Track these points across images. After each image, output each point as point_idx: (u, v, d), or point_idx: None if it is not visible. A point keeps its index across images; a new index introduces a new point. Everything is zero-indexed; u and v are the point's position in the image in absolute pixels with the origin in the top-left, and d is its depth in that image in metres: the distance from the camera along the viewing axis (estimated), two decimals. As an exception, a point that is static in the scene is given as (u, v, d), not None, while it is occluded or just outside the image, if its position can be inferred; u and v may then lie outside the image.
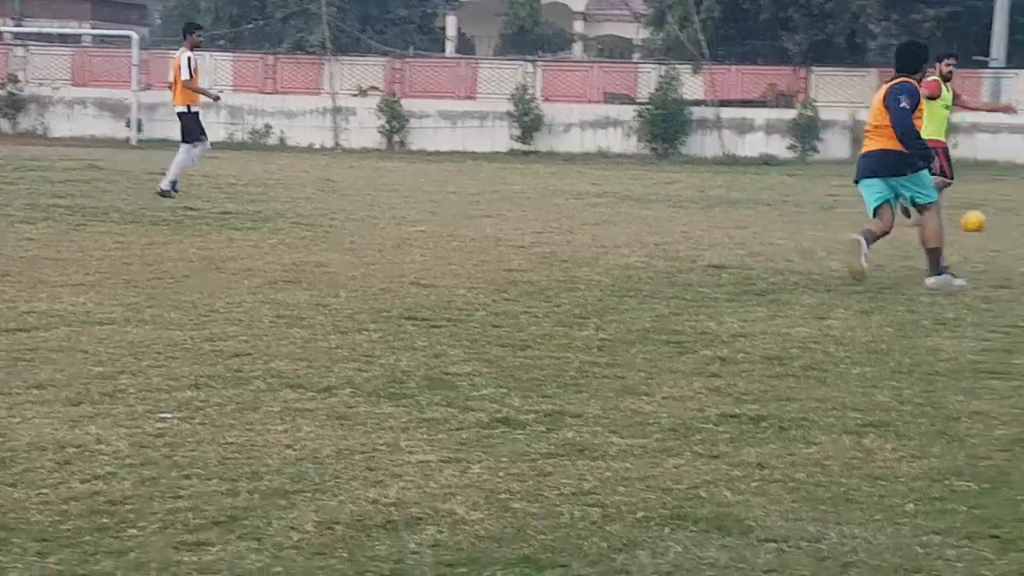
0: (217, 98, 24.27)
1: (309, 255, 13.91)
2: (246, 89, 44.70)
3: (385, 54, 45.35)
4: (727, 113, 42.02)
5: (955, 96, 17.04)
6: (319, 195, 22.69)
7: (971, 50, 42.08)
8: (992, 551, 5.16)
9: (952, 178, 16.89)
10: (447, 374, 8.10)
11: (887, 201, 12.96)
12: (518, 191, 25.03)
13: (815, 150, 40.93)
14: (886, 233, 12.83)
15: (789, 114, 41.64)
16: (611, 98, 43.43)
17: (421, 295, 11.29)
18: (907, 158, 12.77)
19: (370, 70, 44.97)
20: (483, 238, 15.94)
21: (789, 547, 5.17)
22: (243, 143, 42.80)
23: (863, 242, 12.42)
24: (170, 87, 21.36)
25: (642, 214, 20.06)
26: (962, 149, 39.53)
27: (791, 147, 41.26)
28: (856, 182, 13.35)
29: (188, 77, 20.48)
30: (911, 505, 5.71)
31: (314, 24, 44.94)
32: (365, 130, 43.37)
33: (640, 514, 5.51)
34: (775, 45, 44.05)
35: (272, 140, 43.68)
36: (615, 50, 60.63)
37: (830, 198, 24.71)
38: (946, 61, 16.46)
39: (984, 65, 41.15)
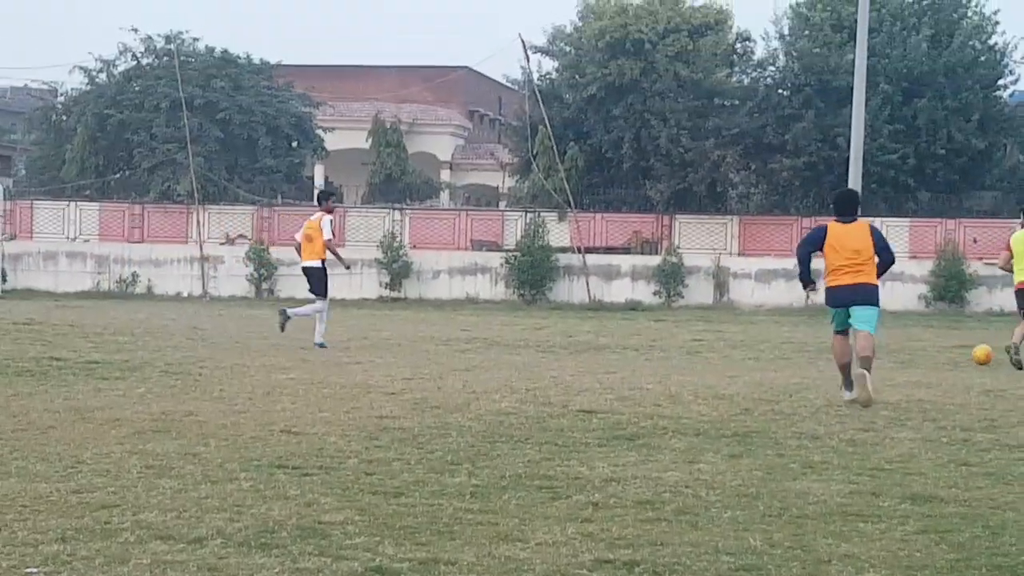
0: (348, 267, 26.51)
1: (178, 404, 13.77)
2: (113, 238, 44.48)
3: (253, 203, 45.37)
4: (593, 259, 42.52)
5: None
6: (187, 343, 22.51)
7: (827, 199, 43.05)
8: None
9: None
10: (320, 523, 8.03)
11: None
12: (388, 337, 25.03)
13: (680, 295, 41.53)
14: None
15: (654, 260, 42.25)
16: (479, 245, 43.77)
17: (292, 443, 11.21)
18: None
19: (238, 218, 44.96)
20: (353, 385, 15.89)
21: None
22: (109, 292, 42.51)
23: (866, 373, 14.29)
24: (298, 248, 24.02)
25: (512, 360, 20.14)
26: (822, 294, 40.37)
27: (656, 292, 41.82)
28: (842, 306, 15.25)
29: (331, 237, 23.58)
30: (785, 648, 5.75)
31: (181, 174, 44.92)
32: (233, 278, 43.26)
33: (517, 662, 5.49)
34: (638, 193, 44.78)
35: (140, 289, 43.41)
36: (482, 198, 61.22)
37: (696, 342, 25.01)
38: None
39: (842, 213, 42.06)
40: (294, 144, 50.50)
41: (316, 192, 27.44)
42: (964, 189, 44.71)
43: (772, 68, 46.64)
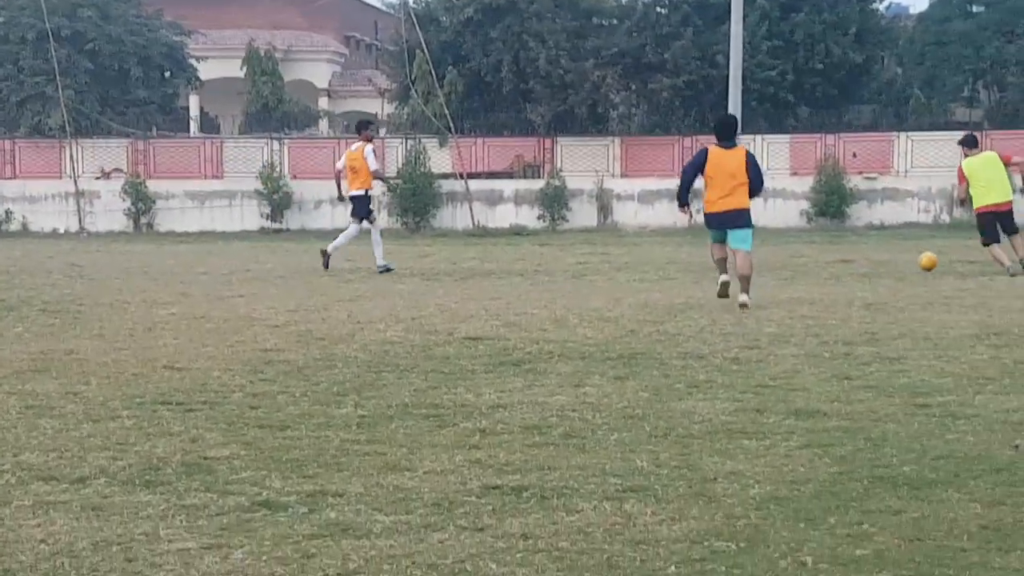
0: (398, 183, 27.87)
1: (57, 343, 13.57)
2: (-16, 175, 43.62)
3: (127, 135, 44.69)
4: (476, 185, 42.41)
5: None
6: (66, 280, 22.18)
7: (708, 117, 43.28)
8: (754, 609, 5.26)
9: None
10: (205, 458, 7.97)
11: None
12: (270, 269, 24.85)
13: (564, 219, 41.55)
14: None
15: (537, 184, 42.20)
16: (360, 173, 43.42)
17: (175, 379, 11.10)
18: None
19: (112, 152, 44.25)
20: (237, 318, 15.75)
21: (557, 617, 5.19)
22: (-17, 230, 41.70)
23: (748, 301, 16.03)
24: (339, 175, 24.95)
25: (396, 288, 20.08)
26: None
27: (540, 217, 41.79)
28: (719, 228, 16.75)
29: (377, 167, 24.64)
30: (673, 568, 5.80)
31: (52, 107, 44.03)
32: (111, 213, 42.62)
33: (407, 592, 5.48)
34: (520, 117, 44.67)
35: (14, 226, 42.63)
36: (362, 126, 60.74)
37: (580, 266, 25.08)
38: None
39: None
40: (167, 74, 49.68)
41: (356, 122, 27.66)
42: (843, 104, 45.08)
43: (650, -15, 46.61)
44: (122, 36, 45.91)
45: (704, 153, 16.70)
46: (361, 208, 24.46)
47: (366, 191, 24.54)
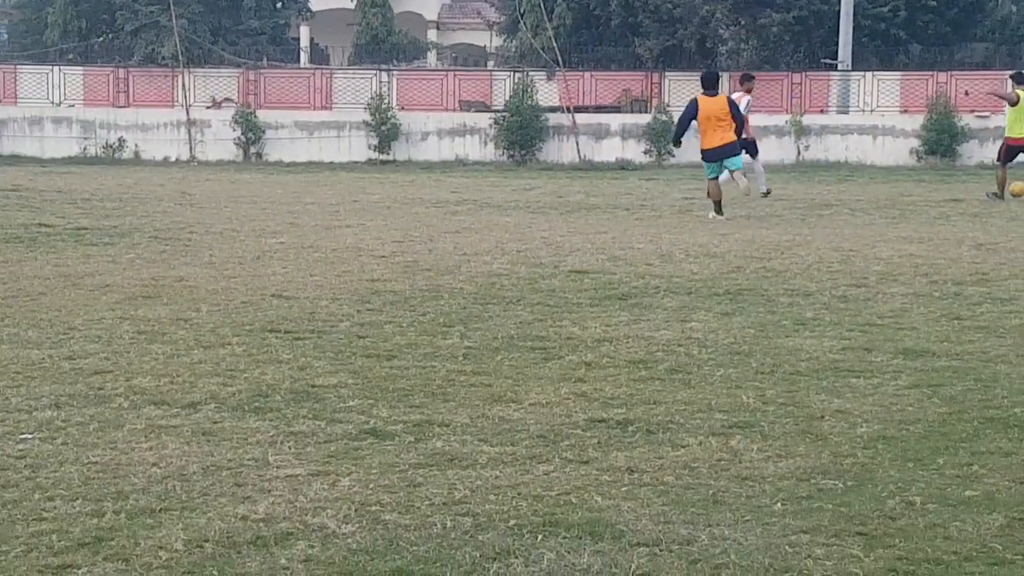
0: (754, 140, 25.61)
1: (168, 269, 13.74)
2: (98, 103, 44.07)
3: (238, 66, 44.98)
4: (583, 119, 42.25)
5: None
6: (176, 208, 22.43)
7: (818, 53, 42.83)
8: (859, 548, 5.24)
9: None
10: (313, 386, 8.04)
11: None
12: (377, 201, 24.95)
13: (671, 154, 41.28)
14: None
15: (644, 119, 41.99)
16: (467, 106, 43.48)
17: (283, 307, 11.21)
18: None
19: (224, 82, 44.57)
20: (344, 248, 15.85)
21: (661, 551, 5.20)
22: (97, 157, 42.20)
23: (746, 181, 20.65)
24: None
25: (502, 221, 20.10)
26: (813, 151, 40.27)
27: (647, 151, 41.60)
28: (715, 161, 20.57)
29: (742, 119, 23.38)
30: (779, 505, 5.78)
31: (165, 36, 44.42)
32: (221, 142, 42.97)
33: (512, 522, 5.51)
34: (628, 51, 44.40)
35: (126, 154, 43.08)
36: (469, 58, 60.72)
37: (687, 201, 24.98)
38: None
39: (833, 68, 41.89)
40: (278, 5, 49.91)
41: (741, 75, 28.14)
42: (955, 41, 44.37)
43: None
44: (235, -34, 46.17)
45: (695, 102, 20.67)
46: (751, 147, 24.06)
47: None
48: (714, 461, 6.46)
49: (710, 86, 20.83)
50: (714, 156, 20.55)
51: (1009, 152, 25.00)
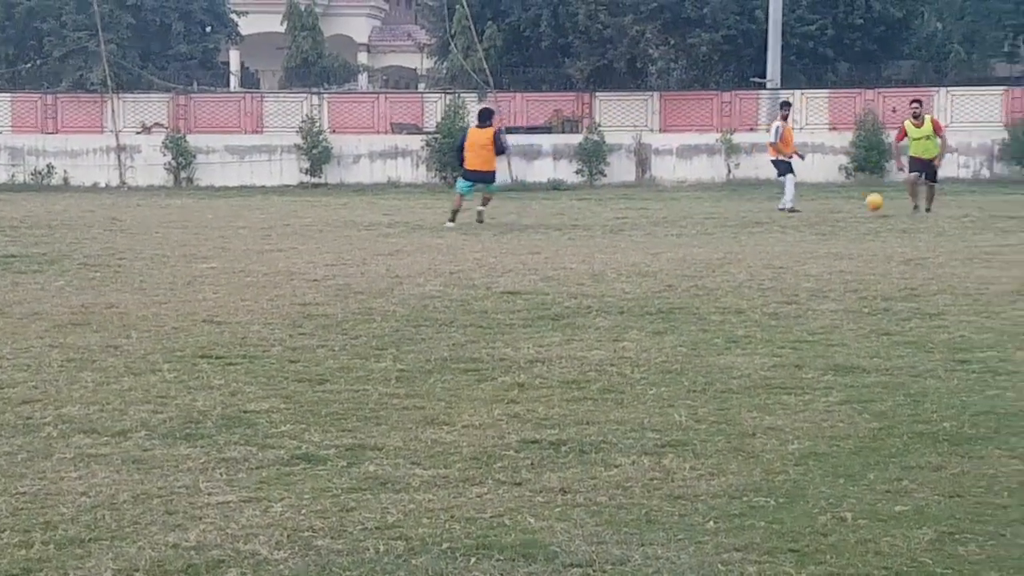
0: (802, 156, 30.15)
1: (98, 296, 13.64)
2: (26, 130, 43.74)
3: (168, 90, 44.77)
4: (515, 139, 42.24)
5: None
6: (106, 235, 22.27)
7: (747, 72, 43.08)
8: (791, 565, 5.26)
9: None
10: (244, 412, 8.01)
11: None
12: (309, 224, 24.89)
13: (602, 174, 41.45)
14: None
15: (575, 139, 42.09)
16: (399, 128, 43.45)
17: (215, 333, 11.14)
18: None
19: (153, 107, 44.33)
20: (276, 272, 15.80)
21: (594, 571, 5.20)
22: (25, 184, 41.87)
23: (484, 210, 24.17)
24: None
25: (435, 243, 20.09)
26: (744, 169, 40.48)
27: (578, 171, 41.69)
28: (473, 182, 24.28)
29: (774, 141, 28.18)
30: (712, 523, 5.80)
31: (94, 62, 44.14)
32: (151, 167, 42.72)
33: (445, 545, 5.50)
34: (558, 72, 44.54)
35: (55, 180, 42.74)
36: (400, 80, 60.71)
37: (619, 220, 25.04)
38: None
39: (762, 86, 42.16)
40: (208, 29, 49.74)
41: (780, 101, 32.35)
42: (882, 59, 44.76)
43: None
44: (164, -10, 45.96)
45: (466, 132, 25.59)
46: (784, 168, 28.24)
47: (779, 157, 28.40)
48: (647, 480, 6.47)
49: (483, 120, 24.80)
50: (473, 177, 24.23)
51: (917, 168, 26.37)
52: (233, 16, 50.63)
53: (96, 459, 6.91)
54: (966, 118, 40.86)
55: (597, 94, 43.29)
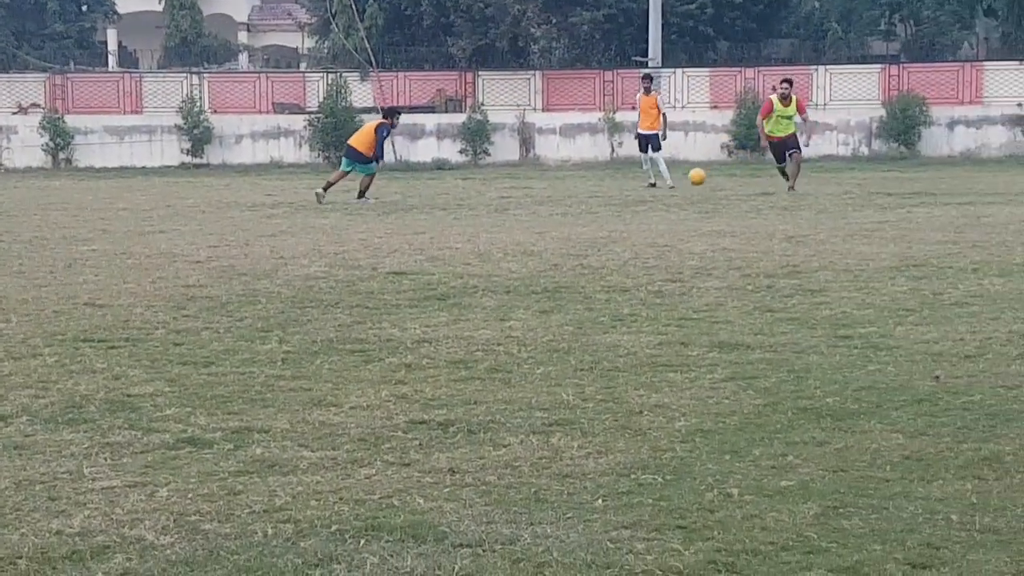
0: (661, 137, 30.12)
1: (-25, 280, 13.40)
2: (-102, 110, 42.90)
3: (44, 70, 44.09)
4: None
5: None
6: (-18, 217, 21.89)
7: (629, 51, 43.29)
8: (679, 542, 5.30)
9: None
10: (128, 396, 7.91)
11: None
12: (191, 205, 24.65)
13: (487, 153, 41.48)
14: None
15: (459, 118, 42.08)
16: (281, 108, 43.15)
17: (97, 316, 11.00)
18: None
19: (30, 87, 43.64)
20: (158, 254, 15.63)
21: (484, 551, 5.20)
22: None
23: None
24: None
25: (319, 223, 19.98)
26: (627, 148, 40.67)
27: (462, 151, 41.69)
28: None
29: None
30: (600, 501, 5.82)
31: (-33, 41, 43.43)
32: (28, 149, 42.06)
33: (334, 527, 5.48)
34: (441, 51, 44.47)
35: (-72, 162, 42.00)
36: (281, 60, 60.27)
37: (503, 200, 25.06)
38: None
39: (643, 65, 42.37)
40: (84, 8, 49.09)
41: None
42: (762, 38, 45.21)
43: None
44: (38, -32, 45.28)
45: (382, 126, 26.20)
46: (656, 143, 29.39)
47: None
48: (535, 459, 6.49)
49: (385, 115, 26.88)
50: (354, 156, 25.48)
51: (775, 149, 26.38)
52: (110, -6, 49.98)
53: (-24, 445, 6.80)
54: (844, 96, 41.38)
55: (480, 73, 43.30)
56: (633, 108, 31.87)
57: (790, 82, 26.86)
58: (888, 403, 7.58)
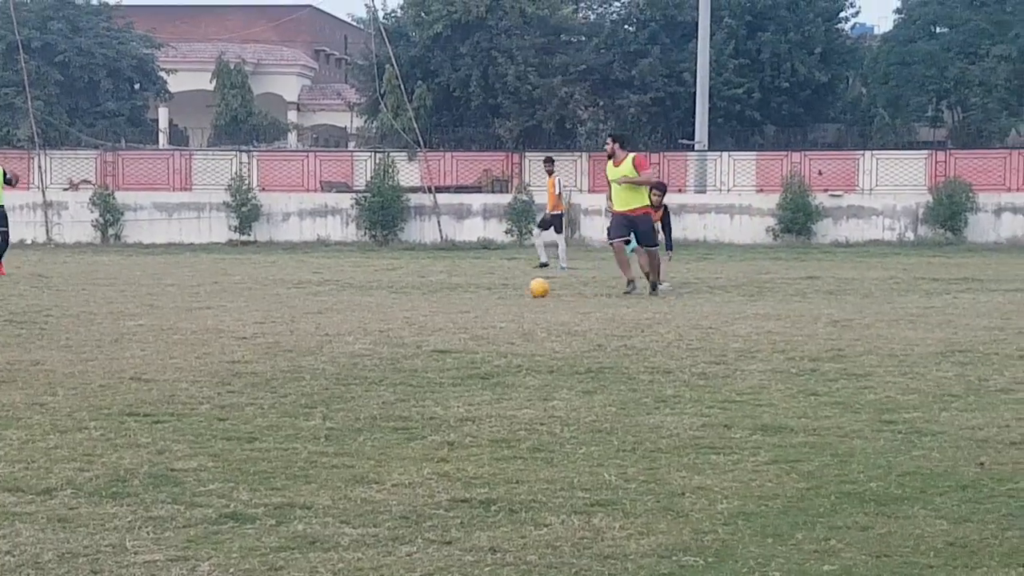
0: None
1: (24, 353, 13.50)
2: (-49, 185, 43.34)
3: (96, 147, 44.58)
4: (444, 199, 42.41)
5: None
6: (32, 291, 22.09)
7: (675, 134, 43.48)
8: (721, 623, 5.27)
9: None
10: (172, 470, 7.94)
11: None
12: (238, 282, 24.79)
13: (532, 233, 41.54)
14: None
15: (505, 199, 42.27)
16: (328, 186, 43.46)
17: (142, 390, 11.06)
18: None
19: (81, 163, 44.15)
20: (204, 330, 15.71)
21: (525, 630, 5.19)
22: (-51, 240, 41.40)
23: None
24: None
25: (365, 301, 20.06)
26: (672, 229, 40.71)
27: (508, 231, 41.84)
28: None
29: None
30: (641, 582, 5.80)
31: (20, 118, 43.97)
32: (79, 224, 42.49)
33: (375, 604, 5.47)
34: (488, 131, 44.77)
35: (-20, 237, 42.34)
36: (330, 139, 60.78)
37: (548, 280, 25.05)
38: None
39: (690, 148, 42.53)
40: (136, 86, 49.69)
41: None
42: (808, 122, 45.37)
43: (618, 3, 46.94)
44: (92, 48, 45.92)
45: None
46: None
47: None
48: (576, 540, 6.47)
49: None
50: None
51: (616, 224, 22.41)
52: (162, 74, 50.60)
53: (20, 517, 6.83)
54: (891, 181, 41.38)
55: (526, 154, 43.53)
56: (680, 191, 31.96)
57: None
58: (932, 489, 7.53)
